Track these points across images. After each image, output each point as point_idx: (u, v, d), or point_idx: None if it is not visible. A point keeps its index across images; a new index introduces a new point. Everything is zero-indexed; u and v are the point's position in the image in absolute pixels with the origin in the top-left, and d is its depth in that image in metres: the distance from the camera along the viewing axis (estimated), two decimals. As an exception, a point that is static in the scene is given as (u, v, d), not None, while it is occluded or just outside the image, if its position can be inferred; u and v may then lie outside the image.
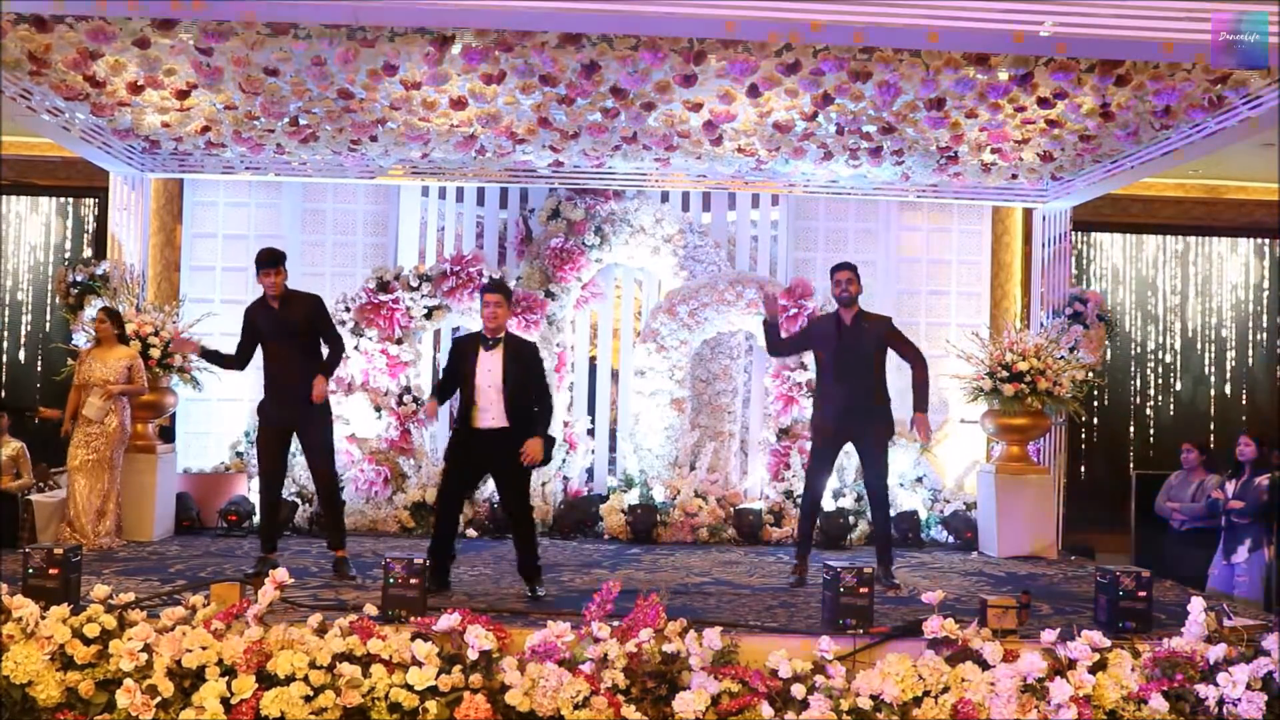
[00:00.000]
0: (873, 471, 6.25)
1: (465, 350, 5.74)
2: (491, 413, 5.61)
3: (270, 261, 6.02)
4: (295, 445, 6.27)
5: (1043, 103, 6.41)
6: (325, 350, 6.21)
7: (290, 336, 6.07)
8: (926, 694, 4.28)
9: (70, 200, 10.53)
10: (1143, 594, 4.82)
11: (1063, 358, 8.08)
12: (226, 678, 4.16)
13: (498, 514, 8.19)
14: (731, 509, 8.35)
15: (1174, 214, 10.93)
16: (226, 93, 6.67)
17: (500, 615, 4.74)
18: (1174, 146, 6.94)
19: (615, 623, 4.41)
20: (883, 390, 6.22)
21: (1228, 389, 11.32)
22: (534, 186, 8.92)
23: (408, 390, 8.61)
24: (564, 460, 8.75)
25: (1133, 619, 4.79)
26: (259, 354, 6.22)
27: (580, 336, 9.17)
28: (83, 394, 6.96)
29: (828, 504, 8.44)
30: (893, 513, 7.71)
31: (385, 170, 8.37)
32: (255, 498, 8.20)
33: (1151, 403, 11.27)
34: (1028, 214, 9.32)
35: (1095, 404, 10.94)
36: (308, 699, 4.11)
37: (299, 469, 8.47)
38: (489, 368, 5.62)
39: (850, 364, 6.14)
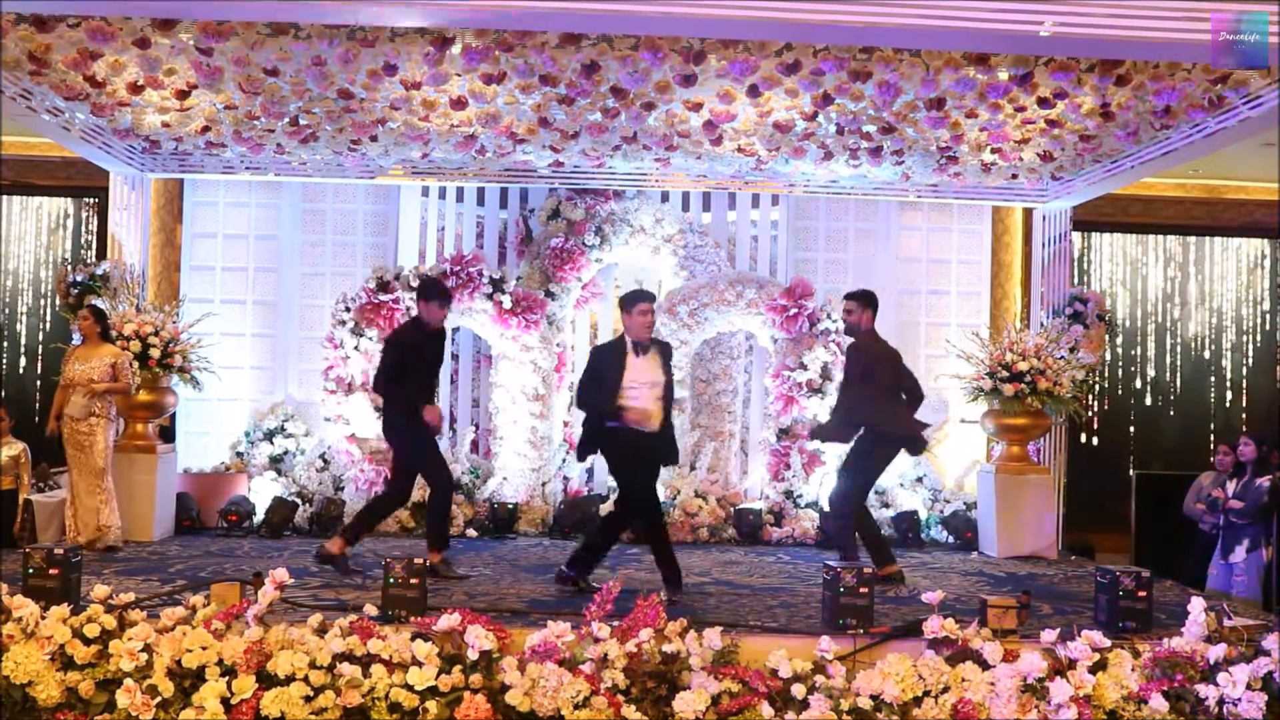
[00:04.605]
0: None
1: (612, 356, 5.74)
2: (653, 416, 5.66)
3: (447, 297, 6.41)
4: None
5: (1043, 103, 6.41)
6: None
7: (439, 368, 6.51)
8: (926, 694, 4.28)
9: (70, 200, 10.52)
10: (1143, 594, 4.82)
11: (1063, 358, 8.08)
12: (226, 678, 4.15)
13: (498, 514, 8.19)
14: (731, 509, 8.34)
15: (1174, 214, 10.91)
16: (226, 93, 6.67)
17: (500, 615, 4.74)
18: (1174, 146, 6.94)
19: (615, 623, 4.41)
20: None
21: (1227, 389, 11.31)
22: (534, 186, 8.92)
23: (408, 390, 8.61)
24: (564, 460, 8.76)
25: (1133, 619, 4.79)
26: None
27: (580, 336, 9.17)
28: (68, 392, 6.88)
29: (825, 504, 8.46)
30: (889, 514, 7.80)
31: (385, 170, 8.37)
32: (254, 498, 8.23)
33: (1151, 403, 11.26)
34: (1028, 214, 9.32)
35: (1095, 404, 10.95)
36: (308, 699, 4.10)
37: (299, 469, 8.49)
38: (646, 370, 5.66)
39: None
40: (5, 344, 10.44)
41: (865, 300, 6.46)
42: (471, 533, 8.12)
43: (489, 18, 5.34)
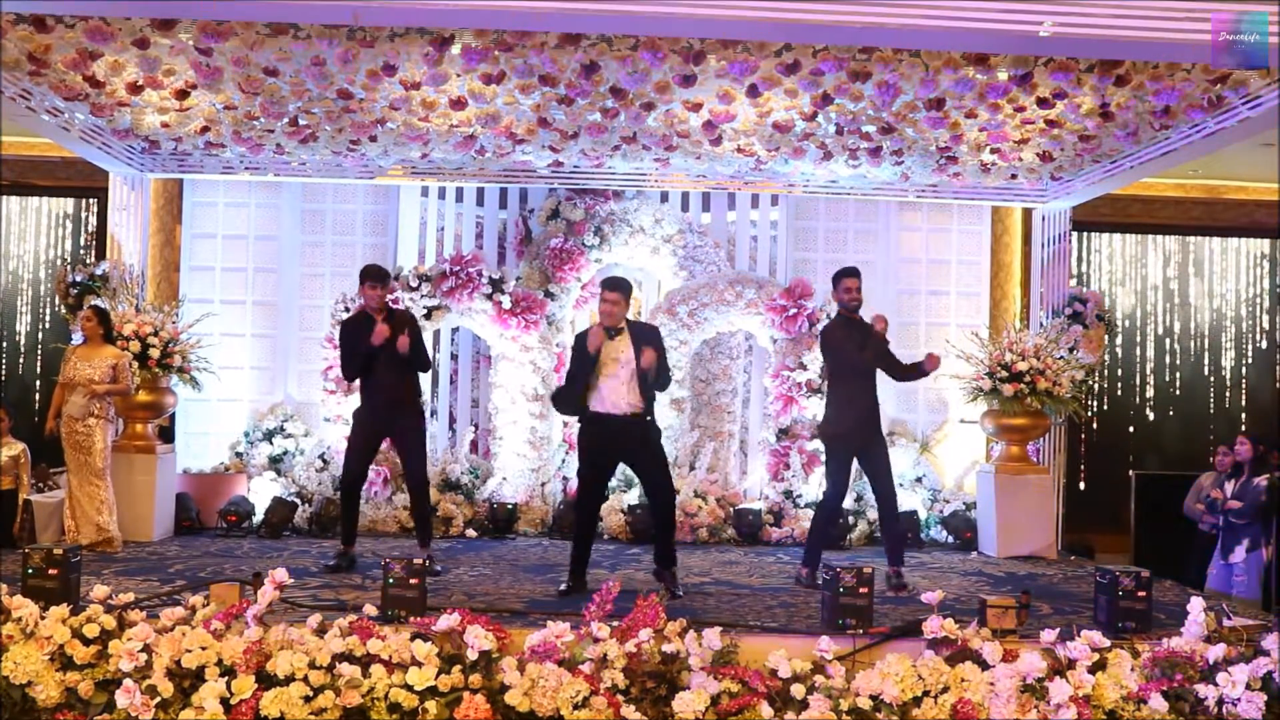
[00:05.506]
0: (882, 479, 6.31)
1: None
2: (628, 399, 5.70)
3: (375, 276, 6.37)
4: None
5: (1042, 103, 6.41)
6: None
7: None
8: (926, 694, 4.28)
9: (70, 200, 10.52)
10: (1143, 594, 4.82)
11: (1062, 358, 8.08)
12: (226, 678, 4.15)
13: (497, 514, 8.19)
14: (731, 509, 8.34)
15: (1174, 214, 10.92)
16: (226, 93, 6.67)
17: (500, 615, 4.74)
18: (1174, 146, 6.94)
19: (615, 623, 4.41)
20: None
21: (1227, 389, 11.32)
22: (534, 186, 8.92)
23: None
24: (564, 460, 8.75)
25: (1133, 619, 4.79)
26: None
27: (580, 337, 9.16)
28: (67, 392, 6.85)
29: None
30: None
31: (385, 170, 8.37)
32: (254, 498, 8.22)
33: (1151, 403, 11.27)
34: (1027, 214, 9.32)
35: (1095, 404, 10.95)
36: (307, 699, 4.10)
37: (298, 469, 8.48)
38: (619, 352, 5.70)
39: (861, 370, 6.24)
40: (5, 344, 10.44)
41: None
42: (471, 533, 8.13)
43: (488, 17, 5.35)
